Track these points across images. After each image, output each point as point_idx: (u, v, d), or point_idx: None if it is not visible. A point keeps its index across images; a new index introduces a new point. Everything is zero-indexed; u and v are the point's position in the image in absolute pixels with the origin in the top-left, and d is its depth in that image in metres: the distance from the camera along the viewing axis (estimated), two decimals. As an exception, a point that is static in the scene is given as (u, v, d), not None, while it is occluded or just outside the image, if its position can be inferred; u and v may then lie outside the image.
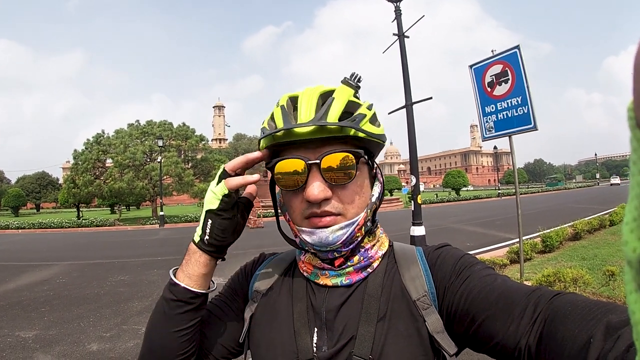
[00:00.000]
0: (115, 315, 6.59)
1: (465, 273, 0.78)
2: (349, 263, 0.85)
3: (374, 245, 0.89)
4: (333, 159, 0.78)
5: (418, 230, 8.43)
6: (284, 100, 0.85)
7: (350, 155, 0.79)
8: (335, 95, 0.81)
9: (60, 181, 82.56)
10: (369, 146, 0.84)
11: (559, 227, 10.85)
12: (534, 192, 61.38)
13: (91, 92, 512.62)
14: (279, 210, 0.95)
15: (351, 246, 0.84)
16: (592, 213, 15.47)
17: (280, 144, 0.81)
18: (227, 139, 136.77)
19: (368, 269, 0.87)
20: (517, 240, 6.91)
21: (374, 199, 0.88)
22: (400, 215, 26.53)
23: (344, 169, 0.78)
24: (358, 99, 0.86)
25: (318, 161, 0.78)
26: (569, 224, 11.90)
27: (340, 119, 0.78)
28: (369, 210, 0.85)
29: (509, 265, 8.16)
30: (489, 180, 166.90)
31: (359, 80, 0.88)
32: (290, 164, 0.79)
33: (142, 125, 40.78)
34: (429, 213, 26.28)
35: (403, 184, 69.77)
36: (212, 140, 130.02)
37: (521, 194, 7.13)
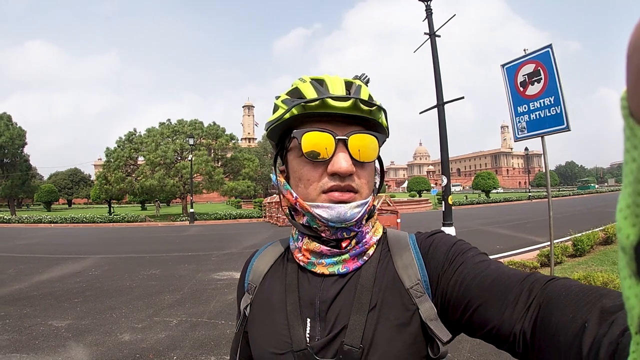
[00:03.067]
0: (146, 307, 6.69)
1: (458, 259, 0.79)
2: (348, 247, 0.86)
3: (370, 229, 0.90)
4: (360, 139, 0.81)
5: (448, 231, 8.29)
6: (308, 79, 0.86)
7: (374, 139, 0.83)
8: (360, 84, 0.85)
9: (92, 178, 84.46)
10: (383, 136, 0.87)
11: (590, 231, 10.64)
12: (565, 195, 60.03)
13: (124, 91, 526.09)
14: (281, 189, 0.93)
15: (361, 227, 0.87)
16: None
17: (303, 116, 0.82)
18: (256, 139, 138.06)
19: (364, 257, 0.87)
20: (548, 243, 6.77)
21: (376, 186, 0.92)
22: (429, 216, 26.42)
23: (368, 149, 0.82)
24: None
25: (346, 138, 0.80)
26: (600, 227, 11.65)
27: None
28: (374, 195, 0.89)
29: (539, 269, 8.02)
30: (520, 182, 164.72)
31: (367, 82, 0.92)
32: (319, 136, 0.80)
33: (173, 124, 41.17)
34: (458, 214, 26.04)
35: (432, 185, 69.33)
36: (241, 139, 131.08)
37: (552, 197, 6.99)
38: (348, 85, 0.84)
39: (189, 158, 34.11)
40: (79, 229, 26.87)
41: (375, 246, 0.89)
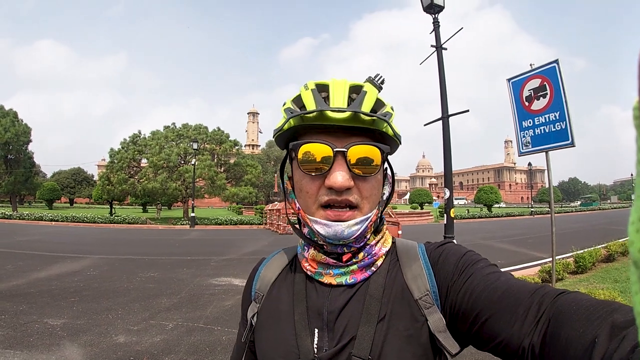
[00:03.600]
0: (143, 310, 6.67)
1: (468, 271, 0.77)
2: (354, 260, 0.85)
3: (378, 242, 0.88)
4: (360, 150, 0.78)
5: (450, 245, 8.31)
6: (312, 85, 0.83)
7: (377, 150, 0.80)
8: (366, 89, 0.82)
9: (95, 178, 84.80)
10: (390, 144, 0.85)
11: (592, 248, 10.57)
12: (568, 212, 59.92)
13: (130, 93, 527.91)
14: (287, 198, 0.93)
15: (362, 242, 0.84)
16: (626, 235, 14.98)
17: (304, 127, 0.81)
18: (260, 145, 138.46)
19: (372, 268, 0.86)
20: (549, 259, 6.74)
21: (384, 198, 0.90)
22: (431, 229, 26.41)
23: (368, 161, 0.79)
24: (383, 99, 0.86)
25: (345, 150, 0.78)
26: (603, 245, 11.56)
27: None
28: (380, 208, 0.87)
29: (540, 285, 7.91)
30: (522, 197, 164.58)
31: (382, 82, 0.89)
32: (316, 148, 0.78)
33: (178, 127, 41.42)
34: (460, 228, 26.02)
35: (434, 197, 69.20)
36: (245, 145, 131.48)
37: (555, 213, 6.94)
38: (354, 90, 0.82)
39: (192, 162, 34.24)
40: (80, 228, 26.97)
41: (384, 257, 0.88)
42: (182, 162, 39.13)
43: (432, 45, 9.21)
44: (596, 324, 0.53)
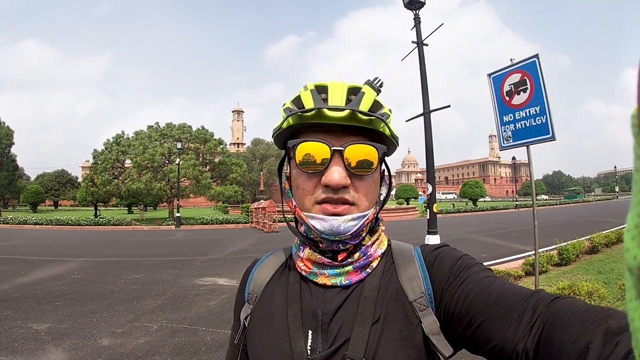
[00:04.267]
0: (127, 312, 6.65)
1: (463, 274, 0.78)
2: (349, 259, 0.85)
3: (373, 243, 0.88)
4: (357, 150, 0.79)
5: (433, 239, 8.39)
6: (311, 86, 0.84)
7: (374, 149, 0.80)
8: (365, 91, 0.82)
9: (79, 180, 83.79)
10: (388, 145, 0.86)
11: (576, 240, 10.70)
12: (552, 205, 60.52)
13: (115, 93, 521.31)
14: (284, 197, 0.93)
15: (357, 240, 0.84)
16: (610, 227, 15.16)
17: (304, 125, 0.82)
18: (245, 144, 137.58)
19: (367, 269, 0.86)
20: (533, 252, 6.81)
21: (381, 198, 0.90)
22: (416, 224, 26.45)
23: (365, 161, 0.79)
24: (381, 101, 0.87)
25: (342, 149, 0.78)
26: (586, 237, 11.71)
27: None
28: (377, 207, 0.87)
29: (523, 277, 8.07)
30: (507, 191, 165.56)
31: (380, 85, 0.90)
32: (314, 147, 0.79)
33: (162, 127, 41.08)
34: (445, 223, 26.19)
35: (420, 192, 69.39)
36: (230, 144, 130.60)
37: (539, 206, 7.03)
38: (352, 91, 0.83)
39: (177, 162, 34.00)
40: (64, 231, 26.69)
41: (379, 259, 0.88)
42: (167, 162, 38.81)
43: (413, 41, 9.27)
44: (590, 329, 0.54)
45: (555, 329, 0.58)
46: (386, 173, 0.93)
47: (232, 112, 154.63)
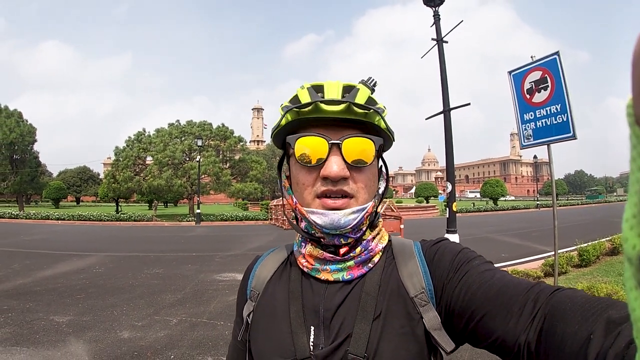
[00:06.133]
0: (148, 306, 6.73)
1: (463, 268, 0.78)
2: (351, 254, 0.85)
3: (374, 237, 0.89)
4: (354, 142, 0.80)
5: (452, 239, 8.27)
6: (307, 85, 0.86)
7: (371, 142, 0.81)
8: (359, 87, 0.84)
9: (101, 176, 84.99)
10: (384, 139, 0.87)
11: (596, 241, 10.53)
12: (574, 205, 59.46)
13: (135, 93, 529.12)
14: (284, 194, 0.95)
15: (358, 234, 0.84)
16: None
17: (301, 121, 0.83)
18: (264, 141, 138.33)
19: (369, 264, 0.87)
20: (553, 253, 6.71)
21: (380, 192, 0.90)
22: (436, 223, 26.31)
23: (363, 153, 0.81)
24: (375, 99, 0.87)
25: (340, 142, 0.80)
26: (607, 238, 11.52)
27: None
28: (375, 201, 0.87)
29: (542, 278, 7.94)
30: (528, 190, 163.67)
31: (374, 85, 0.90)
32: (312, 141, 0.80)
33: (182, 125, 41.28)
34: (465, 222, 26.01)
35: (440, 191, 68.97)
36: (250, 141, 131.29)
37: (560, 206, 6.92)
38: (347, 89, 0.83)
39: (197, 159, 34.21)
40: (86, 227, 27.06)
41: (380, 254, 0.89)
42: (187, 158, 39.02)
43: (432, 39, 9.20)
44: (591, 320, 0.54)
45: (557, 320, 0.58)
46: (384, 169, 0.94)
47: (252, 109, 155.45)
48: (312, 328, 0.83)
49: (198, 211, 30.34)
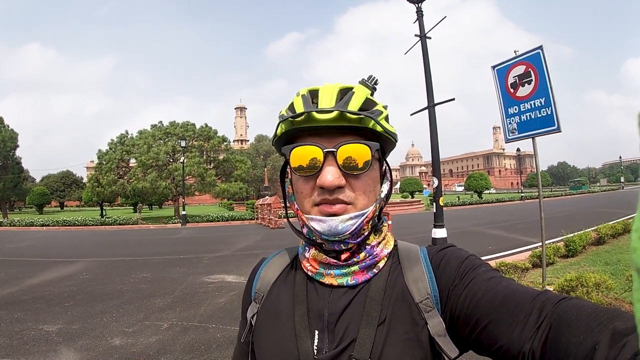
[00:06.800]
0: (137, 311, 6.68)
1: (469, 275, 0.77)
2: (354, 259, 0.85)
3: (379, 242, 0.89)
4: (349, 149, 0.78)
5: (439, 233, 8.41)
6: (303, 91, 0.85)
7: (366, 147, 0.79)
8: (355, 90, 0.83)
9: (84, 180, 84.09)
10: (383, 142, 0.85)
11: (582, 232, 10.65)
12: (558, 196, 60.01)
13: (119, 94, 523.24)
14: (287, 200, 0.94)
15: (359, 239, 0.84)
16: (616, 217, 15.10)
17: (297, 130, 0.82)
18: (248, 140, 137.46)
19: (374, 269, 0.86)
20: (540, 244, 6.79)
21: (382, 195, 0.89)
22: (421, 217, 26.46)
23: (358, 159, 0.79)
24: (374, 99, 0.87)
25: (334, 149, 0.78)
26: (593, 228, 11.67)
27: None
28: (377, 205, 0.86)
29: (531, 270, 8.02)
30: (512, 183, 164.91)
31: (375, 83, 0.90)
32: (306, 150, 0.79)
33: (165, 126, 41.11)
34: (451, 216, 26.10)
35: (424, 186, 69.30)
36: (233, 141, 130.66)
37: (544, 197, 7.01)
38: (344, 92, 0.83)
39: (181, 160, 34.07)
40: (71, 232, 26.78)
41: (385, 259, 0.88)
42: (171, 160, 38.90)
43: (416, 35, 9.25)
44: (597, 330, 0.53)
45: (562, 330, 0.58)
46: (387, 171, 0.93)
47: (235, 109, 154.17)
48: (316, 332, 0.83)
49: (183, 213, 30.21)
